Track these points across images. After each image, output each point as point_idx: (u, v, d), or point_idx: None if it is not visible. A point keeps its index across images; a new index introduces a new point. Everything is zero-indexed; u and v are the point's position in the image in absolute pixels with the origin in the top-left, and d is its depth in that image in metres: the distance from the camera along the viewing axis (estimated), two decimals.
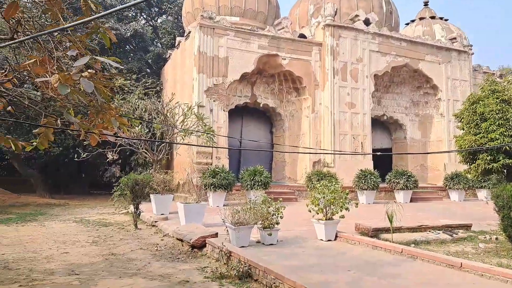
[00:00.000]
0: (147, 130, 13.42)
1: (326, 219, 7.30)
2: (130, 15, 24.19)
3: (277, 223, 6.95)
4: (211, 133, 12.27)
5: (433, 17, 24.16)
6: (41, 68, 3.48)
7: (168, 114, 13.47)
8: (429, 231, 8.62)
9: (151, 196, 10.83)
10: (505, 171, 9.02)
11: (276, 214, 6.91)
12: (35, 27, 3.92)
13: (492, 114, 8.69)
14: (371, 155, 17.96)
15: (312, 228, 7.88)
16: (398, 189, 16.54)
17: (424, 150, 20.90)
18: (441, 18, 24.18)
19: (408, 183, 16.33)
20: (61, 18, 3.56)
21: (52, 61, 3.64)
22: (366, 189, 15.54)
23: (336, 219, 7.41)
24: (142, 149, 13.35)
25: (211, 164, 14.57)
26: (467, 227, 9.26)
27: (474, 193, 19.08)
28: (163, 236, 8.46)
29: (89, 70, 4.24)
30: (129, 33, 20.45)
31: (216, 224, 8.23)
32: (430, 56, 19.71)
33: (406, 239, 7.80)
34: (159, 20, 26.74)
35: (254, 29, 16.81)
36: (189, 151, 14.63)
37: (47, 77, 3.43)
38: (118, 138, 12.57)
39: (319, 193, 7.36)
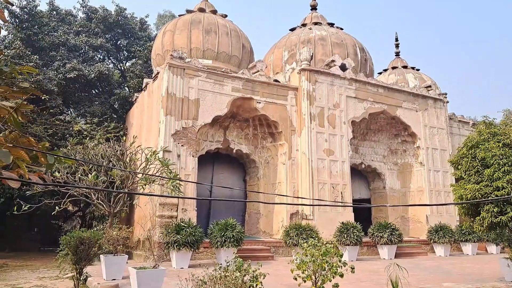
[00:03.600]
0: (103, 178, 11.63)
1: None
2: (96, 57, 23.03)
3: None
4: (177, 179, 10.67)
5: (405, 67, 24.33)
6: None
7: (128, 159, 11.88)
8: None
9: (101, 257, 8.98)
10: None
11: (254, 284, 5.36)
12: None
13: (495, 160, 7.73)
14: (351, 206, 16.70)
15: None
16: (381, 244, 15.21)
17: (404, 200, 19.90)
18: (413, 68, 24.37)
19: (392, 237, 15.06)
20: None
21: None
22: (349, 244, 14.08)
23: None
24: (97, 199, 11.55)
25: (176, 217, 12.79)
26: None
27: (459, 247, 17.99)
28: None
29: None
30: (93, 74, 19.10)
31: None
32: (407, 103, 19.31)
33: None
34: (127, 64, 25.64)
35: (228, 71, 15.88)
36: (150, 202, 12.88)
37: None
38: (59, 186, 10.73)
39: (306, 255, 5.92)
